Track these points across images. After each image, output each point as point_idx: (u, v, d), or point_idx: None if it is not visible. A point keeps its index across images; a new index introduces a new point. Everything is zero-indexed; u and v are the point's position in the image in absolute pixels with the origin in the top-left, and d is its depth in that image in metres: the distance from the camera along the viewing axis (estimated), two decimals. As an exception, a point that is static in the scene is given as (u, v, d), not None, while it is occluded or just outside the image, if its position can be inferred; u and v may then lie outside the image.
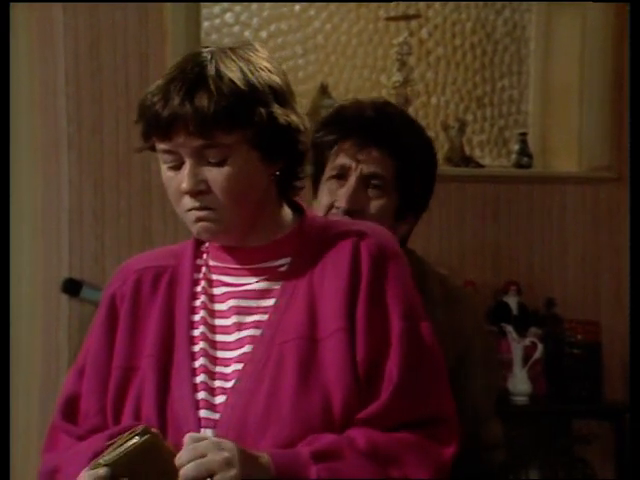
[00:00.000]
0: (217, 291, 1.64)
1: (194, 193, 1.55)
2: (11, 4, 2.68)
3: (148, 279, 1.65)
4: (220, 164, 1.55)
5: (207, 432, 1.54)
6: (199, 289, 1.64)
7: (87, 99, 3.01)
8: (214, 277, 1.65)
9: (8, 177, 2.50)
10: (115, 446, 1.43)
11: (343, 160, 1.97)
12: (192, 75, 1.54)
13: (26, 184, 3.07)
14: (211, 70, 1.54)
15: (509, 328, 3.40)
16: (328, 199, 1.98)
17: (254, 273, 1.62)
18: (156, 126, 1.54)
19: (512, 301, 3.49)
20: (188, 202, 1.57)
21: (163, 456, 1.43)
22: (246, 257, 1.63)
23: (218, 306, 1.63)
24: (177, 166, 1.57)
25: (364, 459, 1.51)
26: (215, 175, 1.55)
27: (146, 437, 1.43)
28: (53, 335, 3.05)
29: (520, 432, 3.39)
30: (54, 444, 1.64)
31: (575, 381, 3.44)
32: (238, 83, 1.54)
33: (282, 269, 1.62)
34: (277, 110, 1.57)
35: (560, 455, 3.54)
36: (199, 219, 1.57)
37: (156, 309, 1.64)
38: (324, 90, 3.34)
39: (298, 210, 1.67)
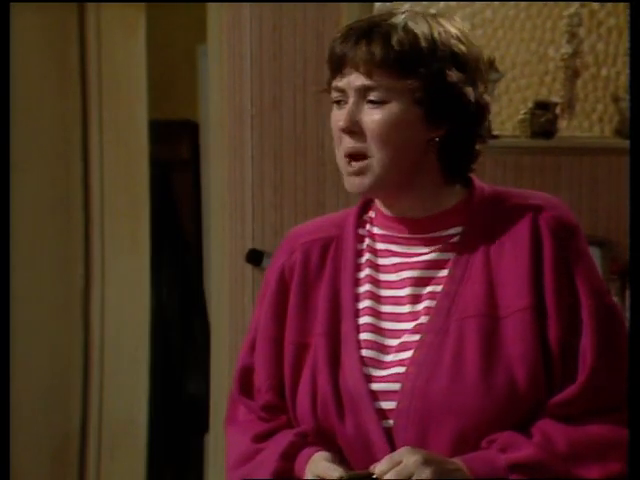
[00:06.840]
0: (385, 261, 1.64)
1: (348, 130, 1.59)
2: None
3: (316, 251, 1.67)
4: (379, 105, 1.59)
5: (384, 404, 1.57)
6: (363, 260, 1.65)
7: (268, 80, 3.16)
8: (381, 247, 1.65)
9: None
10: None
11: None
12: (378, 22, 1.61)
13: (214, 162, 3.31)
14: (398, 22, 1.60)
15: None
16: None
17: (425, 243, 1.63)
18: (332, 62, 1.62)
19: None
20: (347, 142, 1.60)
21: None
22: (416, 226, 1.63)
23: (386, 276, 1.64)
24: (342, 102, 1.62)
25: (564, 465, 1.50)
26: (371, 115, 1.59)
27: None
28: (240, 301, 3.23)
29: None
30: (235, 416, 1.71)
31: None
32: (420, 37, 1.59)
33: (454, 239, 1.62)
34: (451, 73, 1.58)
35: None
36: (352, 173, 1.60)
37: (324, 282, 1.65)
38: (491, 64, 3.36)
39: (466, 180, 1.66)
